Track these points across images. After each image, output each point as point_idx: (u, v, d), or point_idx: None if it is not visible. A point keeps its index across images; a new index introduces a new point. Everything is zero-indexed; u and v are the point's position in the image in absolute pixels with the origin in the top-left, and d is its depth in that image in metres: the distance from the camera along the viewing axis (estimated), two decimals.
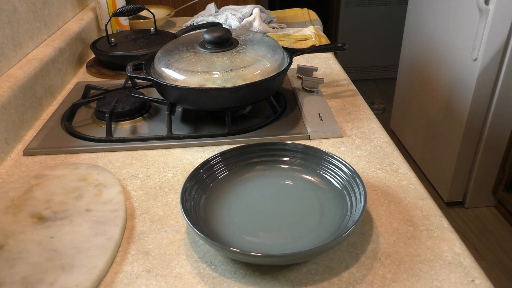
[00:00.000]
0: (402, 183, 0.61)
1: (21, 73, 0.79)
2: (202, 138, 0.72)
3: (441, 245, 0.50)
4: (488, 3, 1.48)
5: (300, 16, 1.38)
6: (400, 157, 0.66)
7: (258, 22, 1.20)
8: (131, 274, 0.48)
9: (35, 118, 0.81)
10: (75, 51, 1.04)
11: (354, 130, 0.74)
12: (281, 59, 0.75)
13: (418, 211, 0.55)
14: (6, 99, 0.72)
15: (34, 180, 0.61)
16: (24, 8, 0.88)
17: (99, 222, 0.53)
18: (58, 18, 1.05)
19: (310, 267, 0.48)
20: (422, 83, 2.01)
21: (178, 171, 0.65)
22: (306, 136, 0.72)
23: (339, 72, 0.98)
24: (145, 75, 0.73)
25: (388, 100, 2.87)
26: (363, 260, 0.48)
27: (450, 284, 0.45)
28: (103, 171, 0.63)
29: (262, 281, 0.46)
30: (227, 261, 0.49)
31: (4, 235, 0.51)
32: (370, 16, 2.95)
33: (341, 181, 0.57)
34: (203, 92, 0.69)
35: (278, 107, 0.79)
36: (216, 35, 0.73)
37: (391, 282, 0.46)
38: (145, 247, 0.52)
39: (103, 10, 1.19)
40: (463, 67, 1.66)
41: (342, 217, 0.53)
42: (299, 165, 0.62)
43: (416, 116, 2.10)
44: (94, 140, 0.73)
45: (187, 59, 0.72)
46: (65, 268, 0.47)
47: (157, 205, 0.58)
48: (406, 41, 2.18)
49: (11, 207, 0.56)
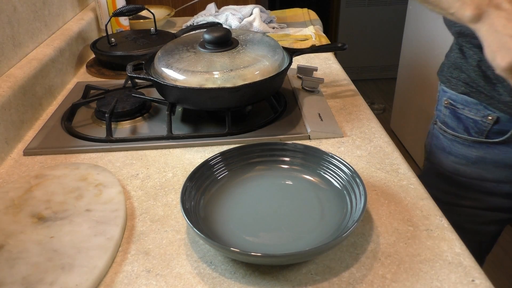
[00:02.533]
0: (402, 183, 0.61)
1: (21, 73, 0.79)
2: (202, 138, 0.72)
3: (441, 245, 0.50)
4: None
5: (300, 16, 1.38)
6: (400, 157, 0.66)
7: (258, 22, 1.20)
8: (131, 274, 0.48)
9: (35, 118, 0.81)
10: (75, 51, 1.04)
11: (354, 130, 0.74)
12: (281, 59, 0.75)
13: (418, 211, 0.55)
14: (6, 99, 0.72)
15: (34, 180, 0.61)
16: (24, 8, 0.88)
17: (99, 222, 0.53)
18: (58, 18, 1.05)
19: (310, 267, 0.48)
20: (422, 83, 2.01)
21: (178, 171, 0.65)
22: (306, 136, 0.72)
23: (339, 72, 0.98)
24: (145, 75, 0.73)
25: (388, 100, 2.87)
26: (363, 260, 0.48)
27: (450, 284, 0.45)
28: (103, 171, 0.63)
29: (262, 281, 0.46)
30: (227, 261, 0.49)
31: (4, 235, 0.51)
32: (370, 16, 2.95)
33: (341, 181, 0.57)
34: (203, 92, 0.69)
35: (278, 107, 0.79)
36: (216, 35, 0.73)
37: (391, 282, 0.46)
38: (145, 247, 0.52)
39: (103, 10, 1.19)
40: None
41: (342, 217, 0.53)
42: (299, 165, 0.62)
43: (416, 116, 2.10)
44: (94, 140, 0.73)
45: (187, 59, 0.72)
46: (65, 268, 0.47)
47: (157, 205, 0.58)
48: (406, 41, 2.18)
49: (11, 207, 0.56)
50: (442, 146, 0.83)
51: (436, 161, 0.85)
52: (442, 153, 0.83)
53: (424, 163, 0.91)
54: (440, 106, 0.83)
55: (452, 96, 0.78)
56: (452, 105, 0.79)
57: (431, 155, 0.87)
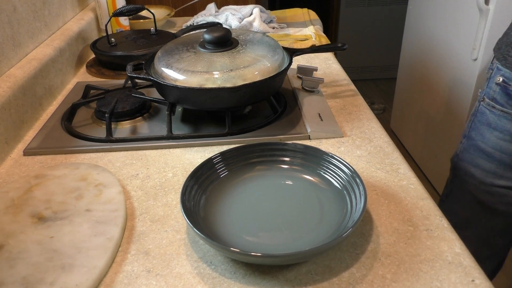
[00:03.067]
0: (402, 183, 0.61)
1: (21, 73, 0.79)
2: (202, 138, 0.72)
3: (441, 245, 0.50)
4: (488, 3, 1.48)
5: (300, 16, 1.38)
6: (400, 157, 0.66)
7: (258, 22, 1.20)
8: (131, 274, 0.48)
9: (35, 118, 0.81)
10: (75, 51, 1.04)
11: (354, 130, 0.74)
12: (281, 59, 0.75)
13: (418, 211, 0.55)
14: (6, 99, 0.72)
15: (34, 180, 0.61)
16: (24, 8, 0.88)
17: (99, 222, 0.53)
18: (58, 18, 1.05)
19: (310, 267, 0.48)
20: (422, 83, 2.01)
21: (178, 171, 0.65)
22: (306, 136, 0.72)
23: (339, 72, 0.98)
24: (145, 75, 0.73)
25: (388, 100, 2.87)
26: (363, 260, 0.48)
27: (450, 284, 0.45)
28: (103, 171, 0.63)
29: (262, 281, 0.46)
30: (227, 261, 0.49)
31: (4, 235, 0.52)
32: (370, 16, 2.95)
33: (341, 181, 0.57)
34: (203, 92, 0.69)
35: (278, 107, 0.79)
36: (216, 35, 0.73)
37: (391, 282, 0.46)
38: (145, 247, 0.52)
39: (103, 10, 1.19)
40: (463, 67, 1.66)
41: (342, 217, 0.53)
42: (299, 165, 0.62)
43: (416, 116, 2.10)
44: (94, 140, 0.73)
45: (187, 59, 0.72)
46: (65, 268, 0.47)
47: (157, 205, 0.58)
48: (406, 41, 2.18)
49: (11, 207, 0.56)
50: (487, 121, 0.85)
51: (478, 137, 0.88)
52: (487, 128, 0.86)
53: (462, 141, 0.94)
54: (491, 83, 0.85)
55: (506, 73, 0.81)
56: (505, 82, 0.81)
57: (473, 131, 0.89)
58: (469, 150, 0.91)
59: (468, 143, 0.91)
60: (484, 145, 0.86)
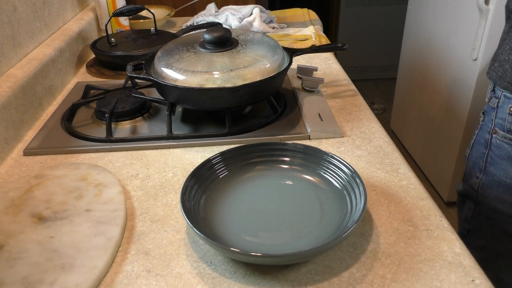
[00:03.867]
0: (402, 183, 0.61)
1: (21, 73, 0.79)
2: (202, 138, 0.72)
3: (441, 245, 0.50)
4: (488, 3, 1.48)
5: (300, 16, 1.38)
6: (400, 157, 0.66)
7: (258, 22, 1.20)
8: (131, 274, 0.48)
9: (35, 118, 0.81)
10: (75, 51, 1.04)
11: (354, 130, 0.74)
12: (281, 59, 0.75)
13: (418, 211, 0.55)
14: (6, 99, 0.72)
15: (34, 180, 0.61)
16: (24, 8, 0.88)
17: (99, 222, 0.53)
18: (58, 18, 1.05)
19: (310, 267, 0.48)
20: (422, 83, 2.01)
21: (178, 171, 0.65)
22: (306, 136, 0.72)
23: (339, 72, 0.98)
24: (145, 75, 0.73)
25: (388, 100, 2.87)
26: (363, 260, 0.48)
27: (450, 284, 0.45)
28: (103, 171, 0.63)
29: (262, 281, 0.46)
30: (227, 261, 0.49)
31: (4, 235, 0.52)
32: (370, 16, 2.95)
33: (341, 181, 0.57)
34: (203, 92, 0.69)
35: (278, 107, 0.79)
36: (216, 35, 0.73)
37: (391, 282, 0.46)
38: (145, 247, 0.52)
39: (103, 10, 1.19)
40: (463, 67, 1.66)
41: (342, 217, 0.53)
42: (299, 165, 0.62)
43: (416, 116, 2.10)
44: (94, 140, 0.73)
45: (187, 59, 0.72)
46: (65, 268, 0.47)
47: (157, 205, 0.58)
48: (406, 41, 2.18)
49: (11, 207, 0.56)
50: (508, 155, 0.80)
51: (500, 173, 0.83)
52: (509, 162, 0.81)
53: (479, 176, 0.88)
54: (501, 113, 0.80)
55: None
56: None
57: (491, 166, 0.84)
58: (492, 186, 0.85)
59: (488, 178, 0.86)
60: (510, 180, 0.81)
